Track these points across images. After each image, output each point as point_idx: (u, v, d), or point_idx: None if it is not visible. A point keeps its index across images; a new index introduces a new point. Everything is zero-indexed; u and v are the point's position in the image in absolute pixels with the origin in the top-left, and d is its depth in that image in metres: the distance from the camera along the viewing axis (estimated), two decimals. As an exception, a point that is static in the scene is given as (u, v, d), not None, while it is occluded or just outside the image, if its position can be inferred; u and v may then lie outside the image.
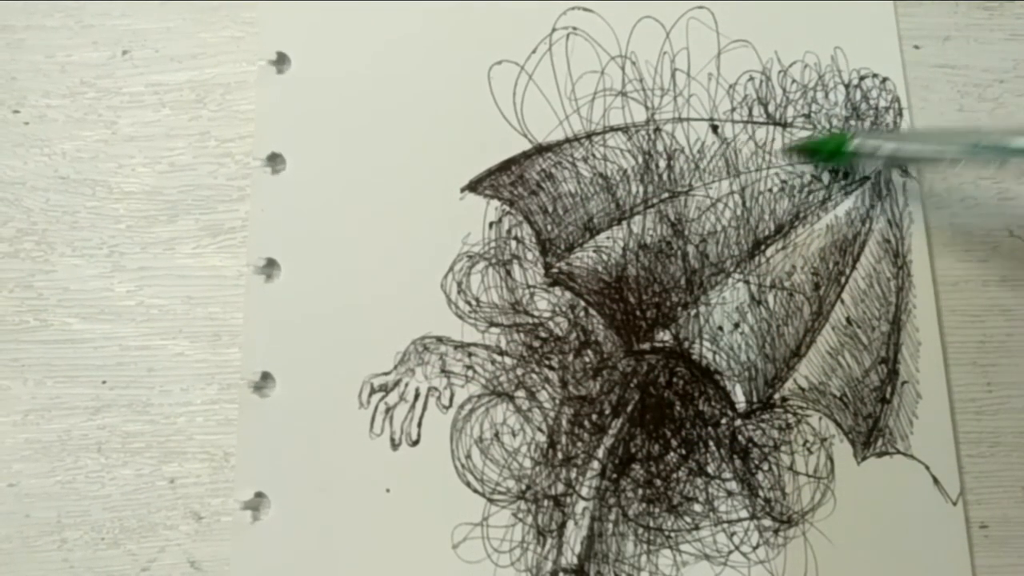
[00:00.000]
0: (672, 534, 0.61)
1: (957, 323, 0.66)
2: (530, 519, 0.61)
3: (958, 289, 0.67)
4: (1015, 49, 0.72)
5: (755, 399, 0.64)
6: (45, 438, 0.64)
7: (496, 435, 0.62)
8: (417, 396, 0.63)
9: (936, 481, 0.62)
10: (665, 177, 0.67)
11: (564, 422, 0.63)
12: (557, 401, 0.63)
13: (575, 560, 0.61)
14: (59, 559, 0.62)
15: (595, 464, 0.62)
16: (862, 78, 0.70)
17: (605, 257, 0.65)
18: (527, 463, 0.62)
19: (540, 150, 0.67)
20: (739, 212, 0.66)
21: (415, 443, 0.62)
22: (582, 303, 0.65)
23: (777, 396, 0.64)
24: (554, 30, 0.69)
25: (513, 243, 0.65)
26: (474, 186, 0.66)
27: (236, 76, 0.71)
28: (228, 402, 0.64)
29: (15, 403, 0.64)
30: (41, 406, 0.64)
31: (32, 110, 0.70)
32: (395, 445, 0.62)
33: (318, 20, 0.70)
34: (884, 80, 0.70)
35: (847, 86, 0.70)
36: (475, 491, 0.61)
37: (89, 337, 0.66)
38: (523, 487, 0.62)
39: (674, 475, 0.62)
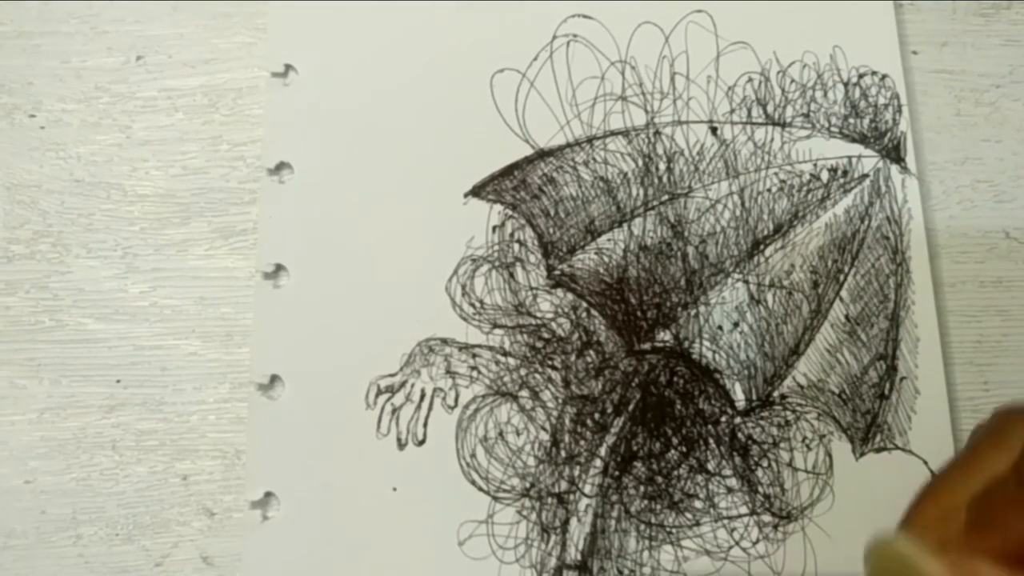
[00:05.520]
0: (673, 530, 0.60)
1: (954, 323, 0.66)
2: (534, 516, 0.60)
3: (955, 290, 0.66)
4: (1011, 54, 0.71)
5: (754, 397, 0.63)
6: (61, 436, 0.63)
7: (500, 434, 0.61)
8: (423, 397, 0.62)
9: (934, 476, 0.61)
10: (665, 179, 0.66)
11: (567, 421, 0.62)
12: (560, 400, 0.62)
13: (579, 556, 0.60)
14: (74, 555, 0.61)
15: (598, 462, 0.61)
16: (861, 76, 0.69)
17: (606, 259, 0.64)
18: (531, 461, 0.61)
19: (542, 155, 0.66)
20: (738, 213, 0.65)
21: (421, 443, 0.61)
22: (584, 304, 0.64)
23: (776, 394, 0.63)
24: (555, 37, 0.68)
25: (516, 246, 0.64)
26: (477, 191, 0.65)
27: (248, 81, 0.70)
28: (240, 401, 0.64)
29: (31, 402, 0.64)
30: (57, 404, 0.64)
31: (48, 114, 0.69)
32: (401, 445, 0.61)
33: (323, 31, 0.69)
34: (883, 77, 0.69)
35: (846, 84, 0.69)
36: (480, 489, 0.60)
37: (104, 337, 0.65)
38: (527, 485, 0.61)
39: (675, 472, 0.61)
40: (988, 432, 0.41)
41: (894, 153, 0.67)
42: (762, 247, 0.65)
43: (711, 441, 0.62)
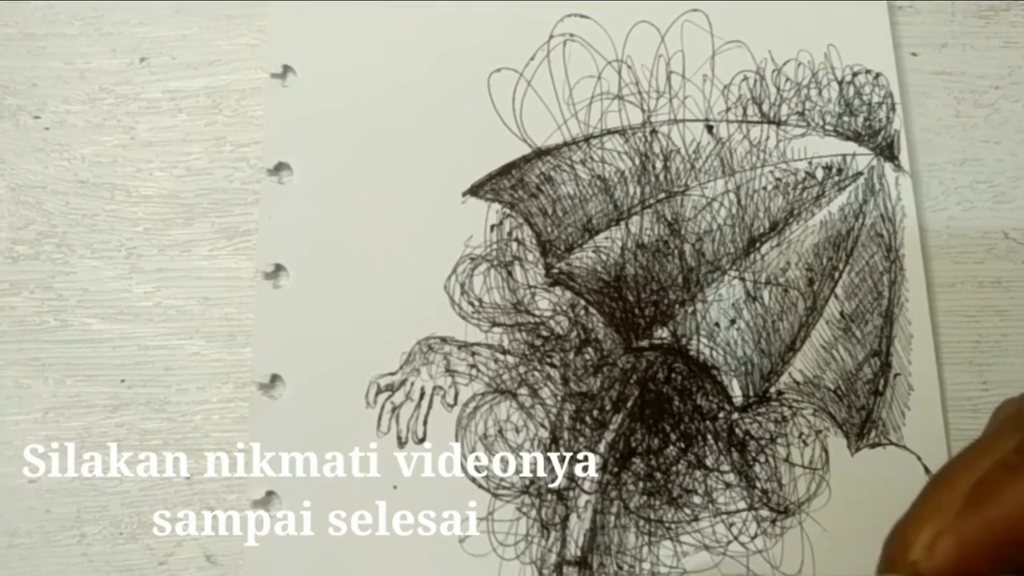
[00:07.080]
0: (672, 525, 0.60)
1: (953, 323, 0.65)
2: (534, 513, 0.59)
3: (954, 290, 0.65)
4: (1010, 56, 0.71)
5: (751, 393, 0.62)
6: (65, 435, 0.62)
7: (500, 431, 0.61)
8: (422, 395, 0.61)
9: (927, 471, 0.60)
10: (662, 178, 0.65)
11: (566, 418, 0.61)
12: (559, 398, 0.61)
13: (578, 552, 0.59)
14: (78, 553, 0.60)
15: (597, 458, 0.60)
16: (855, 74, 0.68)
17: (604, 257, 0.63)
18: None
19: (539, 154, 0.65)
20: (734, 210, 0.64)
21: (421, 440, 0.60)
22: (582, 302, 0.63)
23: (773, 390, 0.62)
24: (551, 37, 0.67)
25: (514, 245, 0.64)
26: (475, 190, 0.64)
27: (251, 82, 0.69)
28: (243, 400, 0.63)
29: (36, 401, 0.63)
30: (61, 404, 0.63)
31: (52, 116, 0.68)
32: (401, 443, 0.60)
33: (321, 32, 0.69)
34: (877, 76, 0.68)
35: (840, 83, 0.68)
36: (480, 486, 0.60)
37: (108, 337, 0.64)
38: (527, 482, 0.60)
39: (673, 468, 0.61)
40: (1007, 419, 0.40)
41: (888, 151, 0.66)
42: (758, 244, 0.64)
43: (709, 437, 0.61)
